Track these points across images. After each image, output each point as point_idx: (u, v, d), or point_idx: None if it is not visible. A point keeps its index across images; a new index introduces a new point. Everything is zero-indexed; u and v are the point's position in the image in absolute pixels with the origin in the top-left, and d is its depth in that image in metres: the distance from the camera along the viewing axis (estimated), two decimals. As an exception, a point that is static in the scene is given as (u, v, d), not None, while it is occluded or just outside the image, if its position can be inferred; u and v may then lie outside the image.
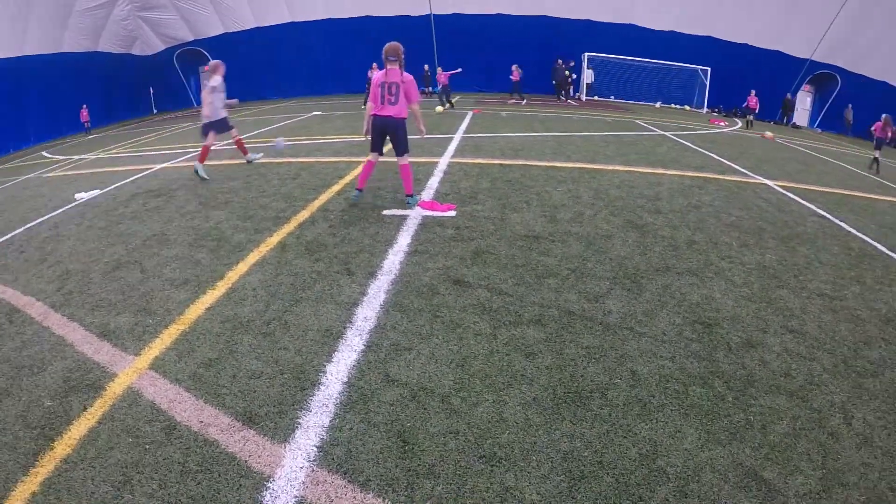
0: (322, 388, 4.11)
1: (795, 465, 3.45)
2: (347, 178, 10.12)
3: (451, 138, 14.80)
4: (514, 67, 28.33)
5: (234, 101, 11.54)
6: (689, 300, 5.63)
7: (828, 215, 9.25)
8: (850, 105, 31.82)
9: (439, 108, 23.24)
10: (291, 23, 35.64)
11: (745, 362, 4.59)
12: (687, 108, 34.08)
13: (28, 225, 8.97)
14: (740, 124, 27.16)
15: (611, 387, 4.15)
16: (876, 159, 17.02)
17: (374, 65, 23.72)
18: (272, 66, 36.69)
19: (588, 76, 34.93)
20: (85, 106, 29.91)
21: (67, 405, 4.08)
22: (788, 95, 33.00)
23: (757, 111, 28.20)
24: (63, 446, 3.64)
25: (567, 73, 31.78)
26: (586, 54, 34.19)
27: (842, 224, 8.79)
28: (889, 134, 18.32)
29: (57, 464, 3.49)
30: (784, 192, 10.70)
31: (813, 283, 6.30)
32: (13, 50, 26.39)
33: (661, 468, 3.37)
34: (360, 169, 9.59)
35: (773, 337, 5.04)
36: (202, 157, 10.76)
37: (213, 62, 10.78)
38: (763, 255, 6.99)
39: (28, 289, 6.33)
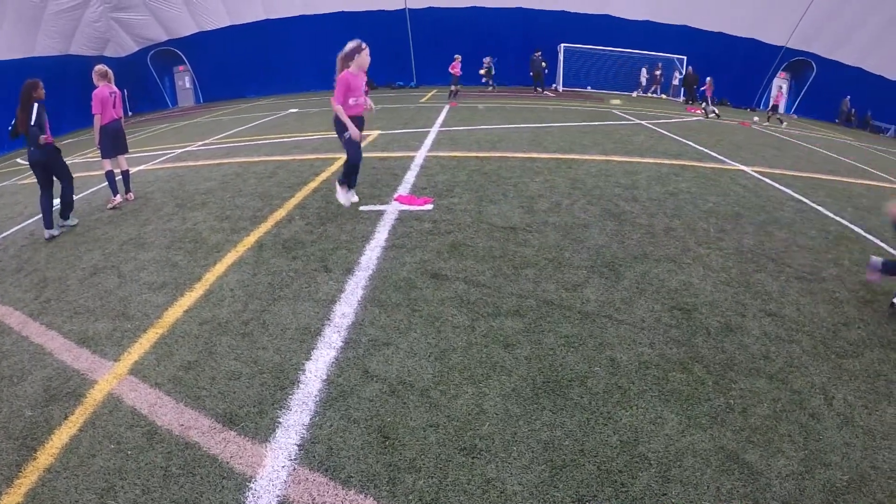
0: (301, 386, 4.10)
1: (777, 447, 3.48)
2: (324, 175, 10.08)
3: (428, 132, 14.78)
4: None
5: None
6: (668, 286, 5.66)
7: (805, 199, 9.32)
8: (847, 97, 31.92)
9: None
10: (266, 20, 35.34)
11: (725, 346, 4.63)
12: (664, 97, 34.22)
13: (3, 233, 8.85)
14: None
15: (590, 375, 4.17)
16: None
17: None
18: (248, 64, 36.37)
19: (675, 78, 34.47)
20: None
21: (48, 414, 4.05)
22: (690, 69, 30.77)
23: (780, 106, 26.47)
24: (45, 456, 3.62)
25: (543, 64, 31.77)
26: (562, 45, 34.23)
27: (819, 208, 8.87)
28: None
29: (40, 474, 3.46)
30: (761, 177, 10.77)
31: (791, 267, 6.35)
32: (-20, 57, 25.99)
33: (643, 454, 3.39)
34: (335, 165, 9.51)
35: (752, 321, 5.08)
36: None
37: None
38: (741, 240, 7.03)
39: (5, 298, 6.26)
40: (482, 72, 30.45)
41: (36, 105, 7.93)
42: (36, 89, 7.96)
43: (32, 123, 7.87)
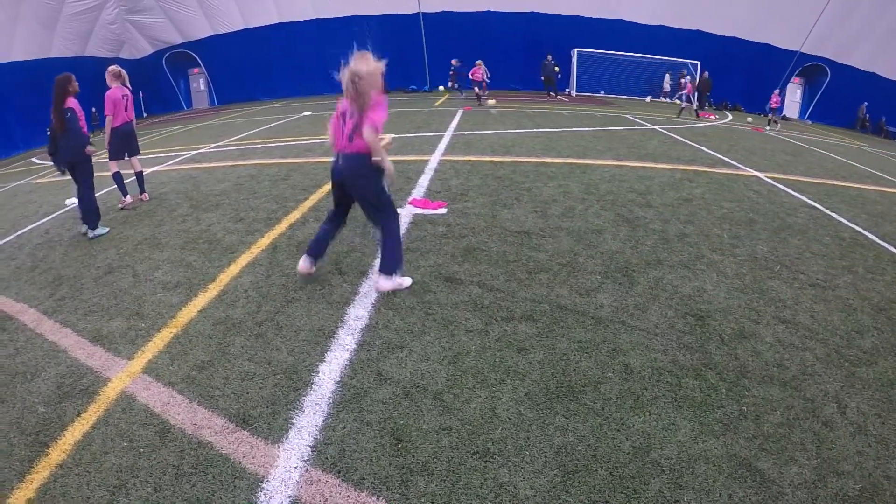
0: (315, 387, 4.10)
1: (790, 455, 3.46)
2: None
3: (442, 136, 14.80)
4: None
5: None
6: (681, 293, 5.64)
7: (819, 206, 9.28)
8: (864, 103, 31.77)
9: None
10: (280, 23, 35.49)
11: (738, 353, 4.60)
12: (677, 102, 34.10)
13: (19, 232, 8.92)
14: (730, 117, 27.16)
15: (603, 380, 4.16)
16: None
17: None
18: (262, 67, 36.49)
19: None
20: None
21: (61, 411, 4.07)
22: (705, 74, 29.49)
23: (778, 109, 26.36)
24: (58, 452, 3.63)
25: (556, 68, 31.72)
26: (576, 50, 34.22)
27: (833, 214, 8.83)
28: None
29: (52, 470, 3.47)
30: (774, 183, 10.73)
31: (805, 274, 6.32)
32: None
33: (655, 460, 3.38)
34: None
35: (766, 328, 5.05)
36: None
37: None
38: (754, 247, 7.01)
39: (20, 296, 6.30)
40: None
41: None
42: (70, 83, 7.79)
43: (69, 126, 7.73)
